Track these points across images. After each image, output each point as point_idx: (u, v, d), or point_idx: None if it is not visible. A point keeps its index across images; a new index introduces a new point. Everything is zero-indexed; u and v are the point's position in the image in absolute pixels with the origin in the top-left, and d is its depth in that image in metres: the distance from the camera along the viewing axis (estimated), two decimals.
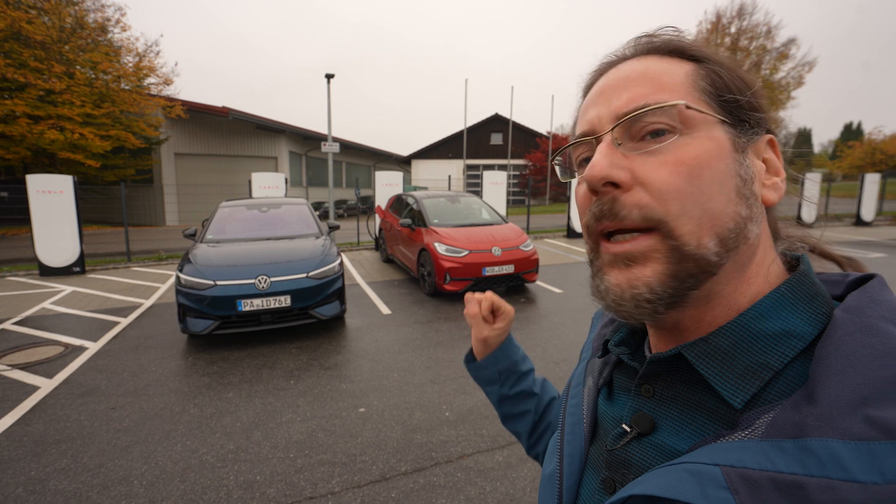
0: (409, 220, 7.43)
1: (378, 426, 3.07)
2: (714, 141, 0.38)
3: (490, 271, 6.24)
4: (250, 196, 9.27)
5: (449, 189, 12.70)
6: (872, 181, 14.81)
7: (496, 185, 11.93)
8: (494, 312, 0.76)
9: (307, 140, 24.19)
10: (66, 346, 4.61)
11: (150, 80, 18.69)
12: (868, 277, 0.40)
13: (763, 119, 0.41)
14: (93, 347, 4.56)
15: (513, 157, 29.36)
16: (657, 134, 0.38)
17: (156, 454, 2.76)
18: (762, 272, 0.40)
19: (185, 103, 17.98)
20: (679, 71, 0.40)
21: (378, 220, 9.75)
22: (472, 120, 30.18)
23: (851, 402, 0.29)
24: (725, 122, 0.39)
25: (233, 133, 20.31)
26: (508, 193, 13.40)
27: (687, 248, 0.36)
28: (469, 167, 30.05)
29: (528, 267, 6.52)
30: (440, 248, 6.30)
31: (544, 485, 0.52)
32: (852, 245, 10.73)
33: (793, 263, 0.43)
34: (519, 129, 30.53)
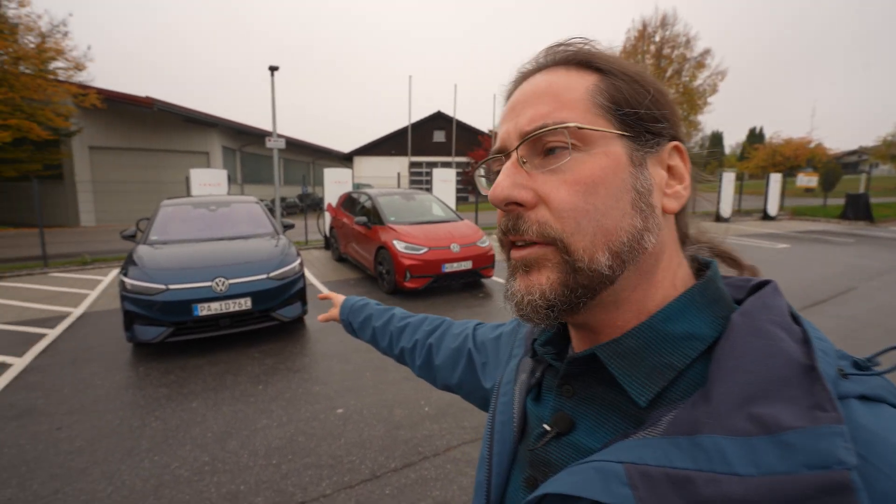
0: (364, 219, 7.33)
1: (359, 426, 3.05)
2: (610, 157, 0.39)
3: (449, 268, 6.33)
4: (188, 194, 8.65)
5: (398, 187, 12.64)
6: (775, 180, 16.73)
7: (446, 182, 12.05)
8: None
9: (241, 135, 22.85)
10: None
11: (58, 63, 16.63)
12: (764, 283, 0.42)
13: (666, 128, 0.41)
14: (18, 363, 4.07)
15: (456, 154, 29.70)
16: (558, 151, 0.39)
17: (120, 473, 2.56)
18: (669, 276, 0.41)
19: (101, 91, 16.24)
20: (580, 86, 0.40)
21: (329, 218, 9.50)
22: (415, 117, 30.08)
23: (738, 400, 0.31)
24: (624, 136, 0.39)
25: (158, 126, 18.70)
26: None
27: (579, 263, 0.38)
28: (413, 164, 29.98)
29: (485, 263, 6.69)
30: (399, 246, 6.29)
31: (477, 481, 0.52)
32: (761, 237, 12.09)
33: (702, 268, 0.45)
34: (462, 126, 30.91)
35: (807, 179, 21.50)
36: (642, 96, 0.40)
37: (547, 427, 0.45)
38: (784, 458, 0.28)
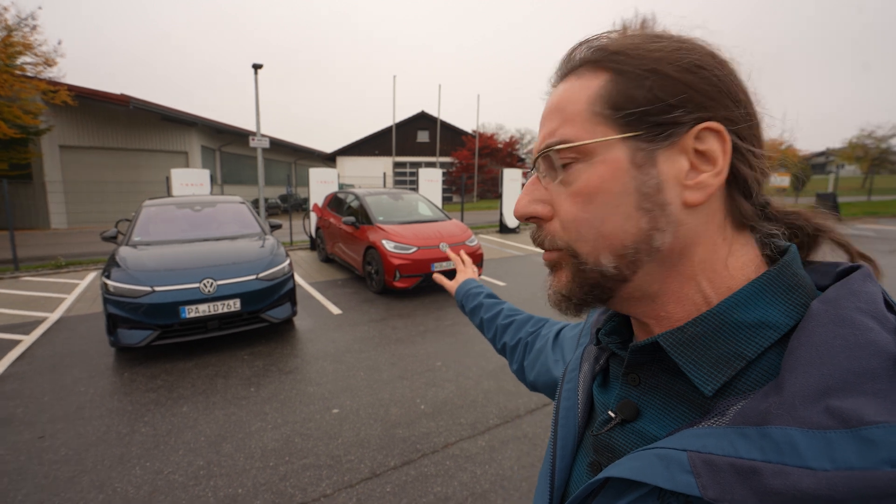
0: (352, 219, 7.27)
1: (356, 425, 3.03)
2: (608, 164, 0.39)
3: (438, 267, 6.33)
4: (169, 194, 8.44)
5: (384, 187, 12.58)
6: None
7: (432, 182, 12.04)
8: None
9: (221, 134, 22.39)
10: None
11: (26, 59, 16.00)
12: (854, 268, 0.39)
13: (683, 114, 0.38)
14: None
15: (440, 154, 29.70)
16: (564, 165, 0.41)
17: (111, 481, 2.48)
18: (712, 267, 0.40)
19: (72, 88, 15.66)
20: (583, 96, 0.40)
21: (314, 218, 9.39)
22: (398, 118, 29.96)
23: (815, 392, 0.30)
24: (630, 137, 0.38)
25: (134, 125, 18.16)
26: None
27: (585, 265, 0.41)
28: (397, 164, 29.87)
29: (474, 262, 6.70)
30: (388, 246, 6.26)
31: (543, 465, 0.54)
32: None
33: (777, 253, 0.42)
34: (446, 127, 30.94)
35: (779, 179, 22.25)
36: (650, 89, 0.38)
37: (611, 413, 0.45)
38: (864, 454, 0.27)
